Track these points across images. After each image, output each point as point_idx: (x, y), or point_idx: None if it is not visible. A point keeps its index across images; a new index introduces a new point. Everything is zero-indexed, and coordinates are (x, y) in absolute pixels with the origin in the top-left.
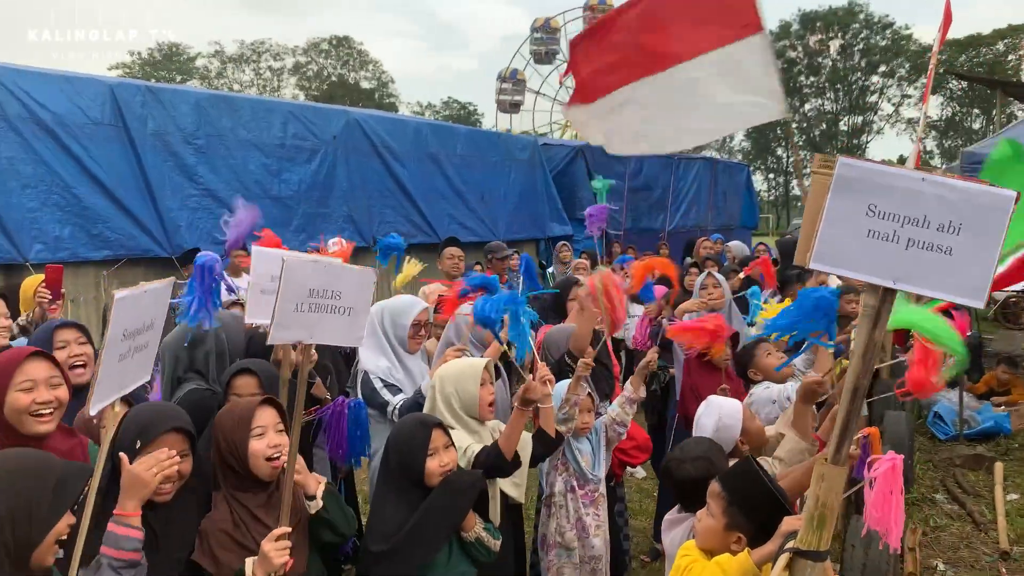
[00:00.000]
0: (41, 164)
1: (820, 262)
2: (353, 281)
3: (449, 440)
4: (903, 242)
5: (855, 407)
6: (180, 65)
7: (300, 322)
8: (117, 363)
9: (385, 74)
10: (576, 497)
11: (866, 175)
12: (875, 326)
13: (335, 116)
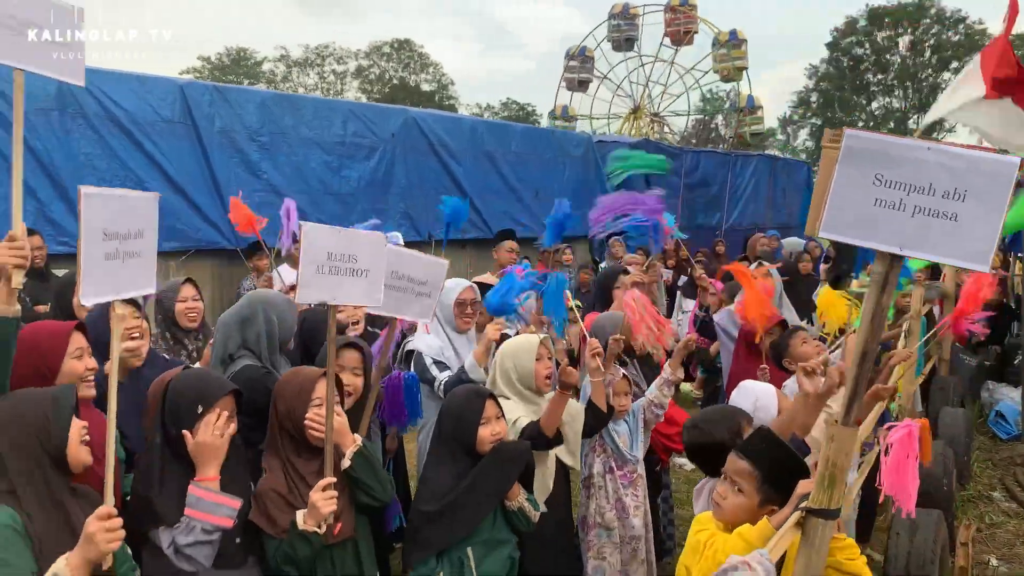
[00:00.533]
0: (116, 160)
1: (828, 231)
2: (367, 244)
3: (501, 412)
4: (909, 209)
5: (864, 371)
6: (247, 69)
7: (322, 284)
8: (104, 260)
9: (445, 76)
10: (615, 478)
11: (873, 146)
12: (883, 291)
13: (393, 115)
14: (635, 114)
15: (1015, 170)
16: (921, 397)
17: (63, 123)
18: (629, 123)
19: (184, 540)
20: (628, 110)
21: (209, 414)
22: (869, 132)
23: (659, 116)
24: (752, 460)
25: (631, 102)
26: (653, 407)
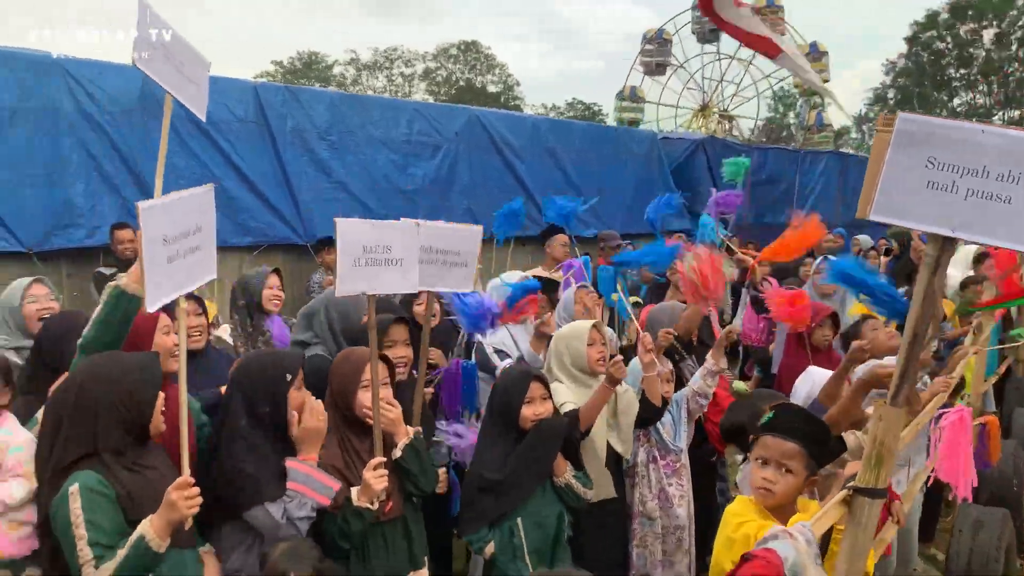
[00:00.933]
0: (193, 158)
1: (880, 213)
2: (399, 234)
3: (547, 393)
4: (962, 192)
5: (914, 353)
6: (319, 73)
7: (359, 275)
8: (167, 264)
9: (511, 77)
10: (658, 467)
11: (926, 128)
12: (934, 274)
13: (458, 114)
14: (703, 111)
15: None
16: (997, 398)
17: (145, 123)
18: (697, 119)
19: (299, 513)
20: (696, 104)
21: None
22: (922, 115)
23: (728, 114)
24: (798, 439)
25: (701, 97)
26: (697, 397)
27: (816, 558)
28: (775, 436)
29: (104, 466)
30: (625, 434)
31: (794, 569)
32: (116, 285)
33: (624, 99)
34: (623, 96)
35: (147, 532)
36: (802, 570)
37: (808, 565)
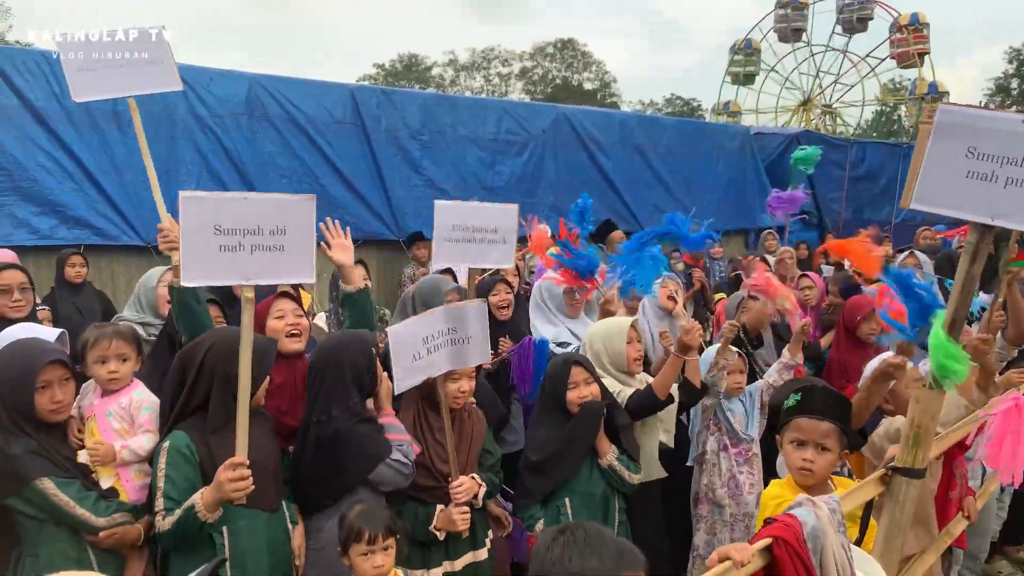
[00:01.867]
0: (295, 157)
1: (921, 203)
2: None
3: (591, 376)
4: (1002, 181)
5: (954, 335)
6: (418, 74)
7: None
8: (218, 253)
9: (608, 74)
10: (729, 456)
11: (966, 120)
12: (973, 262)
13: (545, 112)
14: (805, 106)
15: None
16: None
17: (251, 126)
18: (799, 116)
19: (412, 454)
20: (797, 103)
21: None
22: (962, 106)
23: (831, 107)
24: (832, 419)
25: (800, 95)
26: (772, 390)
27: (840, 525)
28: (809, 418)
29: (197, 430)
30: (667, 423)
31: (814, 533)
32: (170, 283)
33: (719, 113)
34: (717, 111)
35: (197, 502)
36: (822, 535)
37: (829, 531)
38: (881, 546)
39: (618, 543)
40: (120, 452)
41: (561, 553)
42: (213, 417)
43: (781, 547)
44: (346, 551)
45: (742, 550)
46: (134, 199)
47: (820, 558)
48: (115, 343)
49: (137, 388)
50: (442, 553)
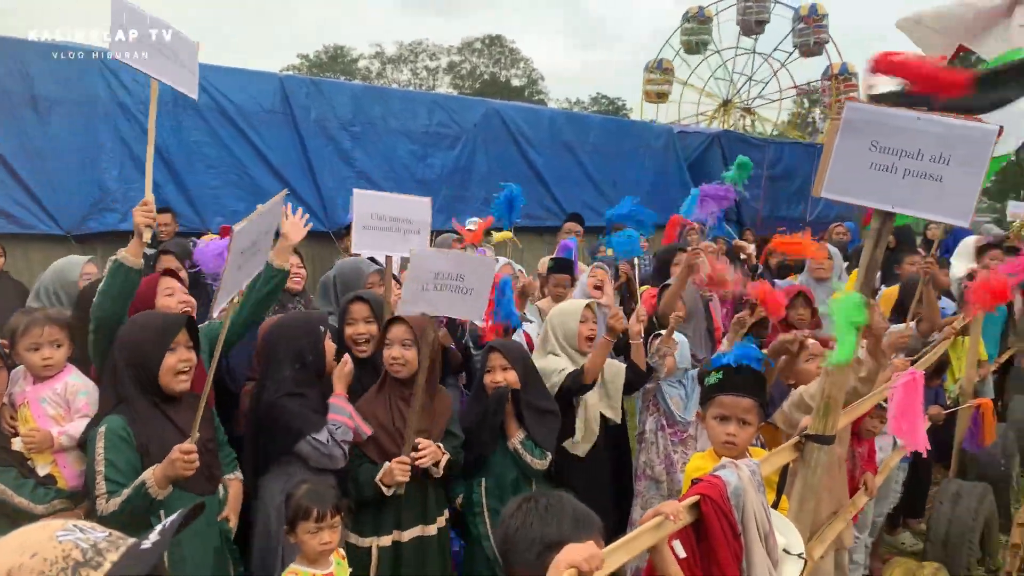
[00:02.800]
0: (223, 147)
1: (830, 191)
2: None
3: (508, 364)
4: (900, 172)
5: None
6: (344, 66)
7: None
8: (235, 272)
9: (535, 71)
10: (665, 435)
11: (870, 116)
12: (876, 246)
13: (475, 106)
14: (725, 108)
15: (994, 137)
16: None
17: (175, 114)
18: (719, 119)
19: (343, 437)
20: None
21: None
22: (867, 104)
23: (750, 109)
24: (752, 396)
25: (728, 88)
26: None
27: (759, 486)
28: (731, 395)
29: (132, 415)
30: (614, 400)
31: (736, 492)
32: (115, 259)
33: (652, 71)
34: (650, 68)
35: (148, 479)
36: (744, 493)
37: (749, 490)
38: (796, 507)
39: (576, 509)
40: (58, 438)
41: (523, 520)
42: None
43: (708, 504)
44: (293, 528)
45: (673, 506)
46: (53, 187)
47: (742, 514)
48: (48, 329)
49: (71, 373)
50: (392, 522)
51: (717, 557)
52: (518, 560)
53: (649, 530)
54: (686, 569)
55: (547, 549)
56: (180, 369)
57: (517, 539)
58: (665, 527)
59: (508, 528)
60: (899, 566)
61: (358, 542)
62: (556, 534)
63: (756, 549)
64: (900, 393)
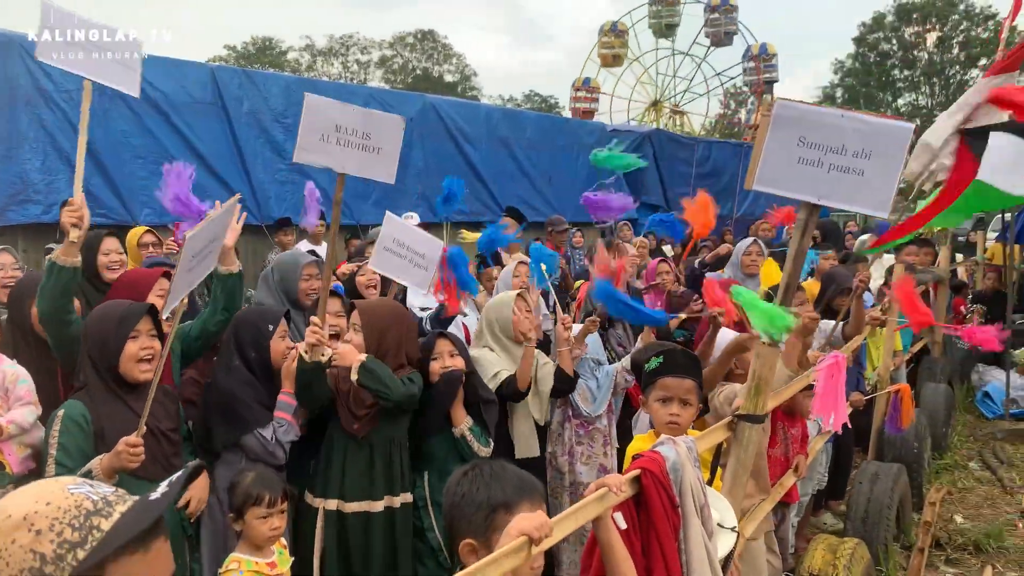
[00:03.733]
0: (150, 137)
1: (761, 184)
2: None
3: (456, 350)
4: (826, 166)
5: (787, 299)
6: (272, 59)
7: (325, 150)
8: (186, 274)
9: (468, 67)
10: (571, 427)
11: (798, 113)
12: (803, 235)
13: (412, 100)
14: (655, 106)
15: (911, 133)
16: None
17: (102, 103)
18: (649, 112)
19: (285, 437)
20: (649, 99)
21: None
22: (795, 101)
23: (680, 110)
24: (692, 377)
25: (654, 91)
26: (624, 373)
27: (695, 461)
28: (673, 377)
29: (92, 401)
30: (543, 402)
31: (675, 467)
32: (50, 259)
33: (579, 89)
34: (577, 87)
35: (95, 468)
36: (681, 468)
37: (687, 465)
38: (729, 483)
39: (519, 476)
40: (7, 427)
41: (469, 486)
42: (92, 389)
43: (648, 477)
44: (241, 515)
45: (616, 479)
46: None
47: (680, 488)
48: None
49: (5, 362)
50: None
51: (656, 527)
52: (465, 526)
53: (593, 502)
54: (625, 539)
55: (493, 511)
56: (141, 357)
57: (464, 504)
58: (608, 499)
59: (454, 496)
60: (822, 542)
61: (311, 501)
62: (502, 496)
63: (692, 520)
64: (824, 376)
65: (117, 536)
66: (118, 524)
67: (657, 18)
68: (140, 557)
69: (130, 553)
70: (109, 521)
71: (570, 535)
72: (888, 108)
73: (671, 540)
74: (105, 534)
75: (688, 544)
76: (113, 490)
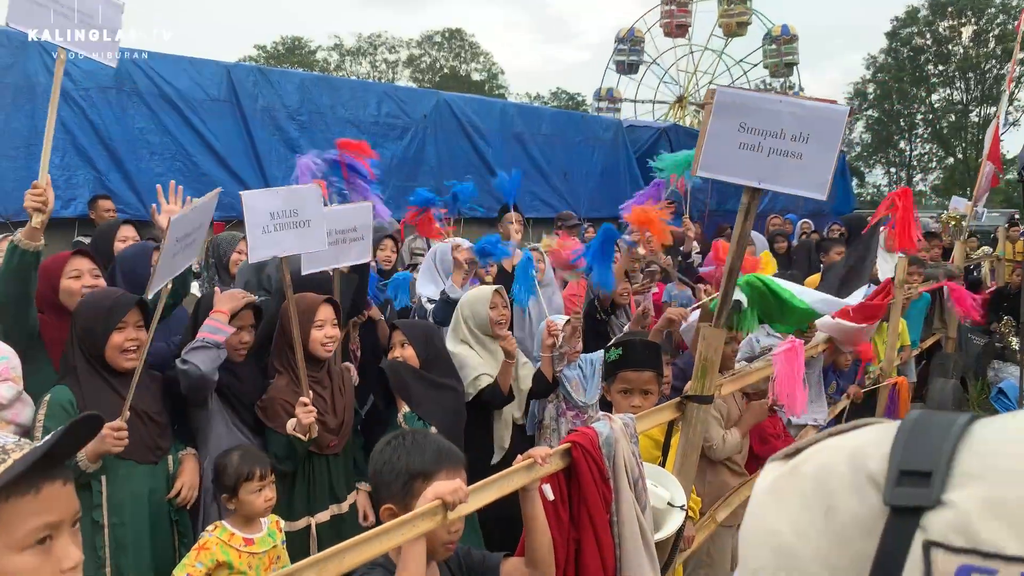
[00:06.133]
0: (167, 134)
1: (705, 171)
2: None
3: (406, 339)
4: (766, 151)
5: (731, 284)
6: (301, 58)
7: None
8: (171, 259)
9: (495, 65)
10: (567, 420)
11: (738, 100)
12: (746, 219)
13: (426, 97)
14: (680, 103)
15: (846, 116)
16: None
17: (120, 100)
18: (674, 111)
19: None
20: (674, 98)
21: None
22: (735, 88)
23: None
24: (652, 368)
25: (678, 90)
26: None
27: (632, 437)
28: (633, 370)
29: (78, 386)
30: (522, 403)
31: (608, 441)
32: (11, 240)
33: (601, 99)
34: (600, 97)
35: (80, 456)
36: (615, 442)
37: (621, 439)
38: (679, 462)
39: (440, 444)
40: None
41: (391, 454)
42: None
43: (578, 450)
44: (235, 493)
45: (543, 451)
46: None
47: (613, 462)
48: None
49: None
50: (304, 506)
51: (586, 500)
52: (386, 492)
53: (520, 472)
54: (553, 510)
55: (412, 479)
56: (126, 347)
57: (385, 471)
58: (535, 470)
59: (377, 463)
60: None
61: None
62: (420, 464)
63: (624, 494)
64: (781, 360)
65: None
66: (7, 468)
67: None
68: (31, 498)
69: (20, 495)
70: (2, 467)
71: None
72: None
73: (601, 512)
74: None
75: (620, 516)
76: (15, 440)
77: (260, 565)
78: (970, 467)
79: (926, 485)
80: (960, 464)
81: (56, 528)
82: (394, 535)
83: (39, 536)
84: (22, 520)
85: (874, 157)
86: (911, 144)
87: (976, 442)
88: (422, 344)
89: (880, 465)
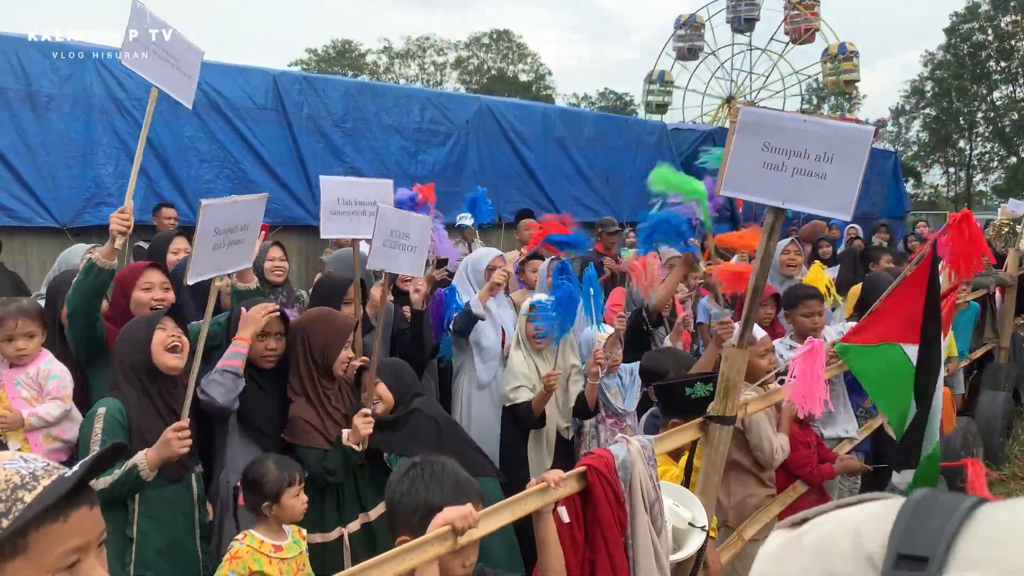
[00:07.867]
0: (215, 142)
1: (727, 189)
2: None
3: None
4: (790, 170)
5: (754, 302)
6: (351, 61)
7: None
8: (212, 251)
9: (543, 66)
10: (606, 427)
11: (762, 119)
12: (770, 238)
13: (468, 102)
14: (729, 103)
15: (871, 136)
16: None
17: (171, 109)
18: (723, 108)
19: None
20: (724, 94)
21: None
22: (760, 107)
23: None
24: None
25: (729, 86)
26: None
27: (650, 459)
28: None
29: (126, 399)
30: (565, 411)
31: (624, 464)
32: (90, 259)
33: (653, 82)
34: (651, 79)
35: (140, 462)
36: (631, 465)
37: (637, 462)
38: (702, 483)
39: (458, 476)
40: (28, 419)
41: (409, 485)
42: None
43: (592, 473)
44: (277, 499)
45: (556, 474)
46: (48, 181)
47: (629, 484)
48: (20, 322)
49: (44, 358)
50: (335, 518)
51: (601, 521)
52: (403, 524)
53: (534, 495)
54: (566, 533)
55: (429, 513)
56: (170, 344)
57: (402, 503)
58: (549, 494)
59: (395, 493)
60: None
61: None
62: (439, 499)
63: (639, 514)
64: (802, 361)
65: (31, 509)
66: (38, 497)
67: (735, 12)
68: (59, 526)
69: (49, 523)
70: (32, 494)
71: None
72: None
73: (616, 533)
74: (27, 506)
75: (635, 539)
76: (45, 464)
77: (290, 570)
78: (971, 554)
79: (923, 570)
80: (961, 550)
81: (84, 551)
82: (404, 559)
83: (69, 562)
84: (52, 546)
85: (932, 157)
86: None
87: (981, 527)
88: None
89: (879, 546)
